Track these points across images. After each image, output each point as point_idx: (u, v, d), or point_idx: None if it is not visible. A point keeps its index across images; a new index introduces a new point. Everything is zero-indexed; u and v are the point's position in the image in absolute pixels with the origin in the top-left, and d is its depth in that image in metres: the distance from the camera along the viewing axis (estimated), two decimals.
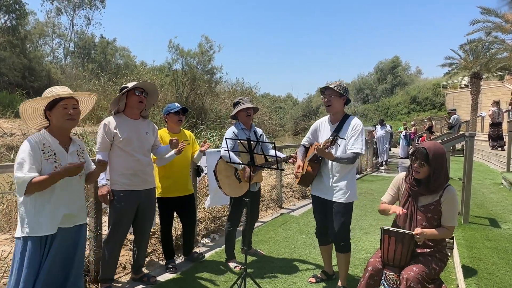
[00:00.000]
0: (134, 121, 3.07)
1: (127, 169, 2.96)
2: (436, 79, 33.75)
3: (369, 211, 6.10)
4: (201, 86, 25.10)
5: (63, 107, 2.15)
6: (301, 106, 44.72)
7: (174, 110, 3.58)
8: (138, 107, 3.04)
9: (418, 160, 2.42)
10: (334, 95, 2.99)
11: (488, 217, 4.69)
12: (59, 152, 2.16)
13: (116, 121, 2.97)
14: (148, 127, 3.15)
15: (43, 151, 2.08)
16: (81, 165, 2.05)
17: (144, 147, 3.07)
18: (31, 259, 2.03)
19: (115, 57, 37.54)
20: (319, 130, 3.19)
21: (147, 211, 3.15)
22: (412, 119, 26.99)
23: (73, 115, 2.19)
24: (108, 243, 3.00)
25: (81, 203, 2.31)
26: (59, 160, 2.13)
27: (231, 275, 3.44)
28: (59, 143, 2.17)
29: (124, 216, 2.99)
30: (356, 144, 2.87)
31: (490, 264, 3.14)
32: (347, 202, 2.94)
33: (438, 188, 2.43)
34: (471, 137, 4.34)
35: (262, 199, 6.31)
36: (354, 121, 3.00)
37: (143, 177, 3.05)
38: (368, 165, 12.59)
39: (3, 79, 24.11)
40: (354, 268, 3.60)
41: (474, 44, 19.71)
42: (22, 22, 26.62)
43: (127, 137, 2.95)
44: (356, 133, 2.90)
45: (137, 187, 3.02)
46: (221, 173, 3.41)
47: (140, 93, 3.01)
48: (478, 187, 7.22)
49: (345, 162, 2.85)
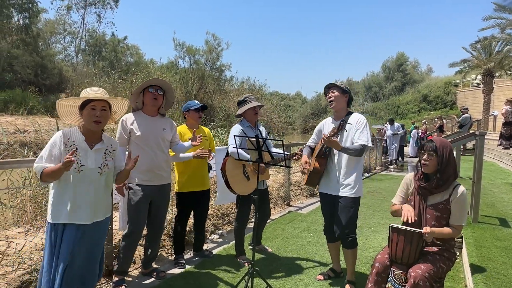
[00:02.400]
0: (151, 118, 3.15)
1: (143, 165, 3.02)
2: (448, 77, 33.33)
3: (378, 209, 6.09)
4: (209, 84, 25.15)
5: (91, 109, 2.25)
6: (310, 104, 44.57)
7: (194, 107, 3.65)
8: (153, 104, 3.11)
9: (427, 152, 2.44)
10: (338, 92, 3.06)
11: (498, 217, 4.65)
12: (82, 148, 2.24)
13: (133, 117, 3.09)
14: (165, 124, 3.22)
15: (65, 145, 2.19)
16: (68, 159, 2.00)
17: (160, 143, 3.13)
18: (51, 242, 2.18)
19: (126, 55, 37.85)
20: (324, 129, 3.25)
21: (161, 206, 3.22)
22: (423, 117, 26.69)
23: (100, 118, 2.27)
24: (129, 237, 3.08)
25: (102, 201, 2.35)
26: (78, 155, 2.21)
27: (238, 271, 3.47)
28: (85, 139, 2.27)
29: (140, 211, 3.06)
30: (362, 137, 2.92)
31: (498, 264, 3.12)
32: (354, 197, 2.98)
33: (447, 183, 2.42)
34: (481, 136, 4.30)
35: (270, 196, 6.33)
36: (357, 116, 3.05)
37: (158, 173, 3.12)
38: (377, 164, 12.52)
39: (16, 76, 24.49)
40: (362, 266, 3.62)
41: (487, 41, 19.40)
42: (34, 21, 26.99)
43: (143, 133, 3.04)
44: (361, 126, 2.96)
45: (152, 182, 3.10)
46: (229, 171, 3.44)
47: (155, 90, 3.09)
48: (489, 186, 7.15)
49: (352, 153, 2.90)
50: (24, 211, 3.95)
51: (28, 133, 12.05)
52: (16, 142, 9.44)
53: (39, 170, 2.12)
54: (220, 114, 21.27)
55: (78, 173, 2.20)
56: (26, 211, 3.94)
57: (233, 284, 3.17)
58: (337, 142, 2.81)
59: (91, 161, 2.26)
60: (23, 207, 4.00)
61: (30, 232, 3.58)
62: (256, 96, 24.39)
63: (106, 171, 2.34)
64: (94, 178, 2.27)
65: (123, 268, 3.13)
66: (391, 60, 38.40)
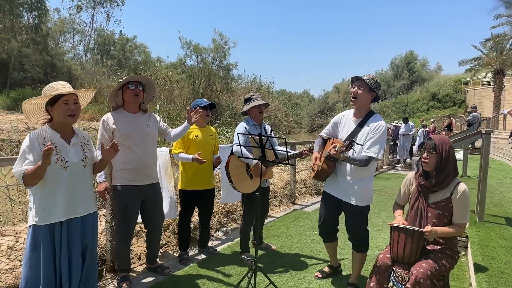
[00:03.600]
0: (133, 115, 3.05)
1: (129, 164, 2.96)
2: (457, 75, 32.90)
3: (383, 208, 6.07)
4: (217, 82, 25.21)
5: (64, 103, 2.21)
6: (317, 102, 44.41)
7: (202, 105, 3.64)
8: (134, 101, 3.01)
9: (426, 150, 2.44)
10: (364, 88, 2.79)
11: (504, 216, 4.61)
12: (60, 145, 2.21)
13: (114, 116, 2.97)
14: (149, 120, 3.12)
15: (43, 145, 2.11)
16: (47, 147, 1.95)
17: (145, 141, 3.04)
18: (44, 246, 2.12)
19: (134, 53, 38.12)
20: (340, 123, 3.02)
21: (153, 205, 3.16)
22: (431, 116, 26.41)
23: (74, 111, 2.24)
24: (117, 237, 3.08)
25: (87, 192, 2.36)
26: (60, 152, 2.19)
27: (242, 268, 3.50)
28: (60, 136, 2.23)
29: (128, 212, 3.01)
30: (373, 148, 2.69)
31: (503, 263, 3.10)
32: (363, 205, 2.86)
33: (446, 180, 2.40)
34: (487, 134, 4.26)
35: (275, 194, 6.36)
36: (377, 121, 2.77)
37: (144, 172, 3.04)
38: (384, 163, 12.45)
39: (27, 75, 24.87)
40: (365, 265, 3.60)
41: (497, 39, 19.13)
42: (43, 20, 27.32)
43: (127, 132, 2.94)
44: (376, 135, 2.71)
45: (139, 181, 3.02)
46: (233, 169, 3.46)
47: (135, 86, 2.98)
48: (497, 185, 7.07)
49: (357, 164, 2.71)
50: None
51: None
52: None
53: (19, 174, 2.05)
54: (227, 113, 21.31)
55: (65, 170, 2.19)
56: None
57: (237, 281, 3.20)
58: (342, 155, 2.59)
59: (73, 156, 2.25)
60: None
61: None
62: (263, 94, 24.41)
63: (88, 162, 2.35)
64: (80, 172, 2.28)
65: (123, 266, 3.12)
66: (399, 58, 38.05)
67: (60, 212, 2.17)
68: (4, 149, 8.21)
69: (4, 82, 24.06)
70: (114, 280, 3.16)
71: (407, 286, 2.21)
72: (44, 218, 2.14)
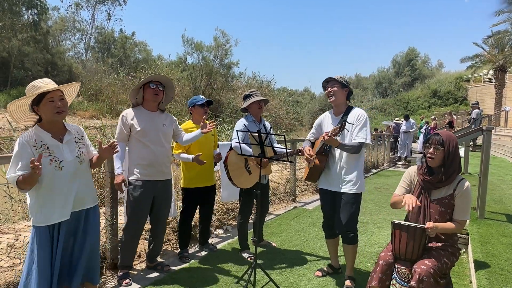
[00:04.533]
0: (151, 113, 3.15)
1: (143, 160, 3.06)
2: (459, 72, 32.82)
3: (384, 205, 6.06)
4: (217, 80, 25.19)
5: (49, 101, 2.13)
6: (318, 100, 44.25)
7: (199, 103, 3.66)
8: (154, 100, 3.12)
9: (433, 145, 2.39)
10: (337, 86, 3.02)
11: (505, 213, 4.60)
12: (52, 145, 2.16)
13: (133, 113, 3.09)
14: (165, 119, 3.23)
15: (35, 147, 2.08)
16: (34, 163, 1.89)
17: (161, 139, 3.14)
18: (43, 245, 2.12)
19: (134, 51, 38.08)
20: (323, 124, 3.21)
21: (163, 202, 3.24)
22: (433, 113, 26.36)
23: (61, 107, 2.17)
24: (127, 232, 3.12)
25: (87, 188, 2.34)
26: (53, 153, 2.15)
27: (242, 265, 3.50)
28: (51, 136, 2.18)
29: (141, 206, 3.08)
30: (361, 134, 2.88)
31: (503, 260, 3.10)
32: (356, 193, 2.96)
33: (451, 177, 2.38)
34: (488, 131, 4.24)
35: (276, 192, 6.36)
36: (358, 111, 3.00)
37: (159, 168, 3.13)
38: (385, 160, 12.43)
39: (27, 73, 24.85)
40: (366, 262, 3.62)
41: (499, 36, 19.06)
42: (43, 18, 27.28)
43: (144, 129, 3.05)
44: (361, 123, 2.91)
45: (153, 177, 3.11)
46: (232, 165, 3.46)
47: (156, 86, 3.10)
48: (498, 182, 7.06)
49: (350, 150, 2.87)
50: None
51: None
52: None
53: (13, 181, 2.01)
54: (228, 110, 21.31)
55: (60, 170, 2.16)
56: None
57: (237, 278, 3.20)
58: (337, 140, 2.78)
59: (67, 154, 2.20)
60: None
61: None
62: (264, 92, 24.39)
63: (84, 158, 2.32)
64: (76, 169, 2.25)
65: (126, 262, 3.16)
66: (401, 55, 37.95)
67: (59, 212, 2.15)
68: (5, 147, 8.22)
69: (5, 80, 24.06)
70: (114, 278, 3.16)
71: (411, 283, 2.18)
72: (43, 220, 2.12)
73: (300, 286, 3.08)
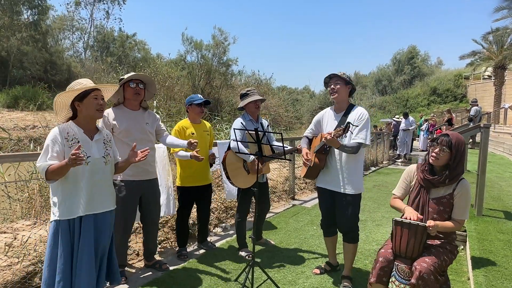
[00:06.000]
0: (133, 112, 3.11)
1: None
2: (458, 70, 32.75)
3: (383, 203, 6.07)
4: (216, 78, 25.15)
5: (94, 98, 2.27)
6: (318, 98, 44.21)
7: (196, 102, 3.65)
8: (135, 99, 3.08)
9: (440, 145, 2.37)
10: (341, 83, 2.95)
11: (503, 210, 4.61)
12: (83, 140, 2.24)
13: (115, 112, 3.04)
14: (148, 118, 3.20)
15: (66, 139, 2.17)
16: (75, 155, 1.98)
17: (144, 138, 3.10)
18: (63, 241, 2.14)
19: (133, 50, 38.02)
20: (322, 120, 3.15)
21: (151, 201, 3.22)
22: (432, 111, 26.35)
23: (102, 106, 2.32)
24: (116, 232, 3.08)
25: (107, 189, 2.37)
26: (82, 147, 2.21)
27: (240, 264, 3.51)
28: (83, 131, 2.27)
29: (127, 206, 3.05)
30: (361, 134, 2.83)
31: (500, 257, 3.10)
32: (356, 194, 2.94)
33: (455, 179, 2.37)
34: (486, 128, 4.24)
35: (275, 190, 6.36)
36: (360, 110, 2.94)
37: (143, 168, 3.10)
38: (384, 158, 12.44)
39: (26, 73, 24.82)
40: (364, 259, 3.62)
41: (498, 33, 19.04)
42: (43, 17, 27.23)
43: (126, 128, 3.01)
44: (361, 123, 2.85)
45: (138, 177, 3.08)
46: (230, 164, 3.46)
47: (136, 85, 3.05)
48: (496, 180, 7.07)
49: (349, 151, 2.83)
50: (30, 204, 4.03)
51: (38, 128, 12.25)
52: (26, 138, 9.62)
53: (43, 169, 2.08)
54: (227, 109, 21.28)
55: (86, 165, 2.21)
56: (35, 205, 4.02)
57: (235, 276, 3.21)
58: (338, 141, 2.73)
59: (95, 152, 2.27)
60: (30, 200, 4.09)
61: (36, 225, 3.66)
62: (263, 90, 24.36)
63: (109, 160, 2.37)
64: (101, 168, 2.30)
65: (119, 261, 3.08)
66: (401, 53, 37.87)
67: (81, 207, 2.19)
68: (4, 146, 8.23)
69: (4, 80, 24.02)
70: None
71: (411, 281, 2.18)
72: (65, 213, 2.16)
73: (298, 284, 3.09)
